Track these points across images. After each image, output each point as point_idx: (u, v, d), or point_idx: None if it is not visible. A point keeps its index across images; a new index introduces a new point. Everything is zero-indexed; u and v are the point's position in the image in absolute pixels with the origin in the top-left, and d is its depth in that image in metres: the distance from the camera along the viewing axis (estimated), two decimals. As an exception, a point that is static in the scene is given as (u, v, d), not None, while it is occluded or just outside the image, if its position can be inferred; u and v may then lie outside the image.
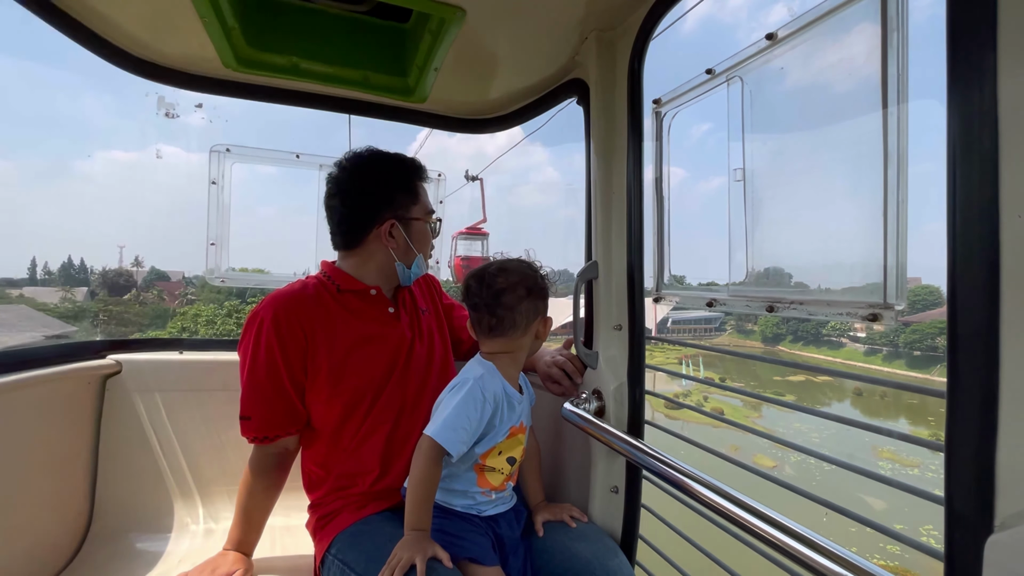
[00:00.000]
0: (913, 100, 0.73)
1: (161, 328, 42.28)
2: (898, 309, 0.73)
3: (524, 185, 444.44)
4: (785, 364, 4.49)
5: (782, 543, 0.80)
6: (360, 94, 1.75)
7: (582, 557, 1.14)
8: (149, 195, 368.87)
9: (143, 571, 1.50)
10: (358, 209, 1.34)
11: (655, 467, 1.13)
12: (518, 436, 1.19)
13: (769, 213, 0.99)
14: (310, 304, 1.29)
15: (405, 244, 1.36)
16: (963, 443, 0.59)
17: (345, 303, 1.34)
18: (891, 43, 0.73)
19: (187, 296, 58.22)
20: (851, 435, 26.97)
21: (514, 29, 1.40)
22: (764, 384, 46.40)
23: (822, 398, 45.62)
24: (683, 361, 41.42)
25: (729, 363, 49.51)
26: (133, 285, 66.68)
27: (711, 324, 78.02)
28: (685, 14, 1.15)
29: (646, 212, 1.36)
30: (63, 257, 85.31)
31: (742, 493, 0.93)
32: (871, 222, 0.75)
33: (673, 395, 23.03)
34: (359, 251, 1.37)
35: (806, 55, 0.90)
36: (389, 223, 1.33)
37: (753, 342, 75.33)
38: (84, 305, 53.68)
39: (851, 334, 70.14)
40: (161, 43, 1.51)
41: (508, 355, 1.20)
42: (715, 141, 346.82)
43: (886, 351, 64.68)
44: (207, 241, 1.90)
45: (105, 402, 1.68)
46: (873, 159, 0.75)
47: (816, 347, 70.97)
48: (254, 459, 1.35)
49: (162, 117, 2.03)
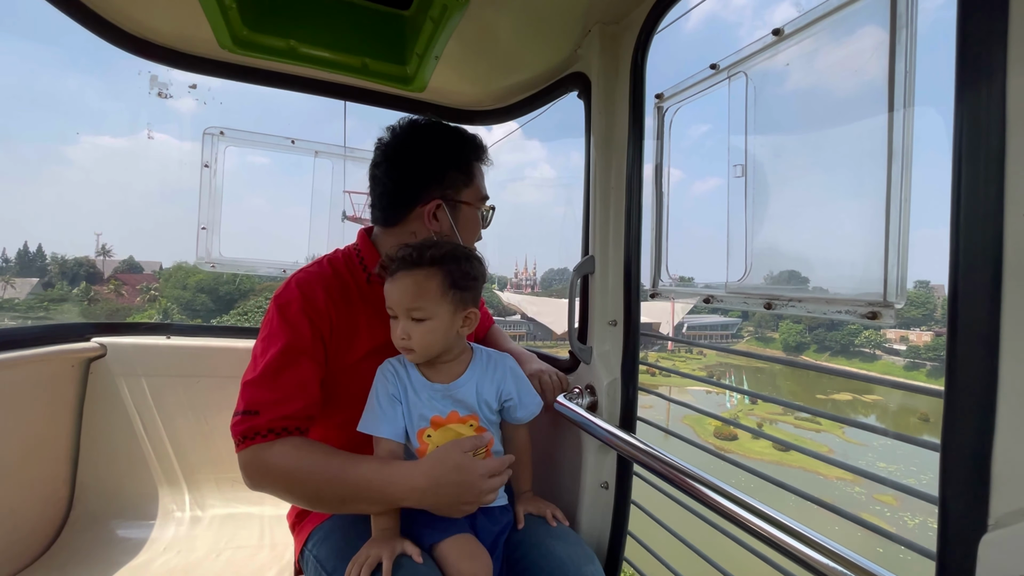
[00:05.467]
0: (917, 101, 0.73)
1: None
2: (898, 308, 0.73)
3: (518, 182, 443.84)
4: (814, 369, 4.49)
5: (777, 539, 0.80)
6: (358, 81, 1.72)
7: (557, 557, 1.09)
8: (137, 180, 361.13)
9: (125, 558, 1.47)
10: (404, 183, 1.20)
11: (648, 462, 1.13)
12: (450, 427, 1.10)
13: (770, 209, 0.99)
14: (336, 291, 1.15)
15: (450, 229, 1.22)
16: (959, 441, 0.59)
17: (372, 297, 1.19)
18: (899, 40, 0.72)
19: (150, 291, 55.14)
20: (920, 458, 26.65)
21: (517, 19, 1.38)
22: (806, 403, 44.51)
23: (877, 423, 43.52)
24: (718, 377, 40.86)
25: (763, 383, 48.32)
26: (99, 276, 62.01)
27: (728, 331, 74.13)
28: (691, 10, 1.15)
29: (644, 208, 1.36)
30: (33, 245, 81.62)
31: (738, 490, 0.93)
32: (873, 220, 0.75)
33: (721, 422, 22.48)
34: (398, 230, 1.23)
35: (813, 52, 0.89)
36: (435, 203, 1.20)
37: (773, 350, 68.80)
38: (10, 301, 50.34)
39: (887, 345, 63.86)
40: (156, 20, 1.47)
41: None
42: (712, 142, 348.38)
43: (931, 366, 57.66)
44: (198, 225, 1.87)
45: (88, 386, 1.65)
46: (877, 157, 0.75)
47: (846, 358, 64.63)
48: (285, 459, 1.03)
49: (154, 97, 1.95)
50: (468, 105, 1.95)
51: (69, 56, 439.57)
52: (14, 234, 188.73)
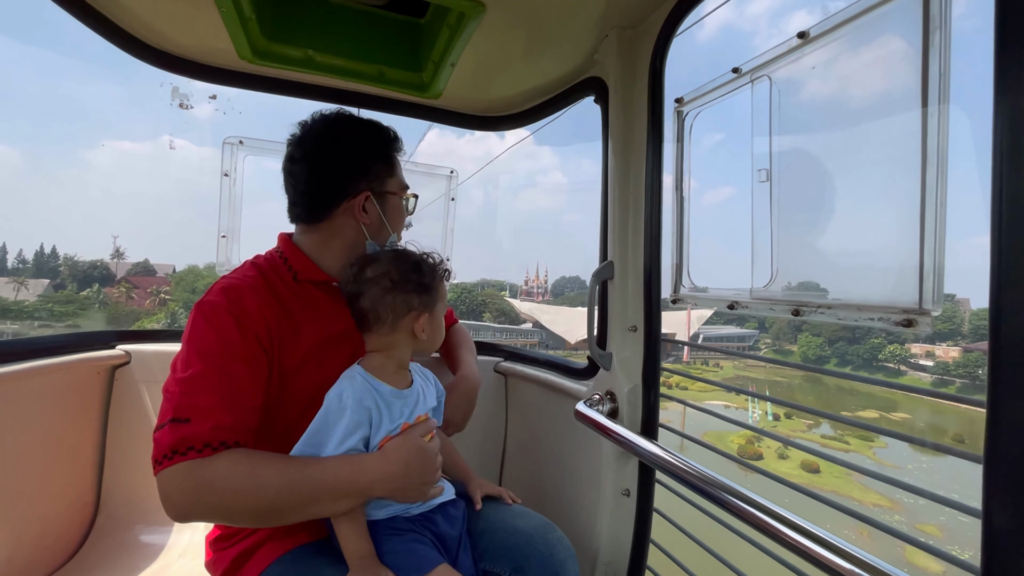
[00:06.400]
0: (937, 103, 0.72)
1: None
2: (935, 315, 0.71)
3: (529, 188, 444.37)
4: (841, 376, 4.42)
5: (809, 549, 0.78)
6: (374, 89, 1.73)
7: (523, 532, 1.13)
8: (157, 186, 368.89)
9: (146, 564, 1.49)
10: (328, 178, 1.16)
11: (672, 469, 1.12)
12: (425, 424, 1.10)
13: (796, 214, 0.97)
14: (267, 293, 1.09)
15: (379, 220, 1.19)
16: (1005, 454, 0.57)
17: (303, 294, 1.15)
18: (933, 43, 0.71)
19: (160, 294, 54.32)
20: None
21: (533, 25, 1.38)
22: (832, 422, 40.87)
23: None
24: (749, 398, 39.38)
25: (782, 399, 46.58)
26: (111, 279, 61.14)
27: (744, 342, 71.61)
28: (709, 14, 1.12)
29: (664, 213, 1.35)
30: (48, 246, 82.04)
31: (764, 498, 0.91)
32: (906, 224, 0.73)
33: (745, 439, 21.67)
34: (324, 226, 1.18)
35: (840, 55, 0.88)
36: (364, 195, 1.16)
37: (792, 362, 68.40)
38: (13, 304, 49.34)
39: (912, 360, 60.76)
40: (177, 33, 1.50)
41: (382, 354, 1.07)
42: (725, 150, 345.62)
43: (960, 383, 54.05)
44: (218, 233, 1.89)
45: (114, 392, 1.68)
46: (909, 160, 0.73)
47: (868, 373, 60.15)
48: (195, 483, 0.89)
49: (176, 108, 1.98)
50: (483, 111, 1.96)
51: (89, 66, 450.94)
52: (37, 235, 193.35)
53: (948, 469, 29.23)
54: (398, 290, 1.04)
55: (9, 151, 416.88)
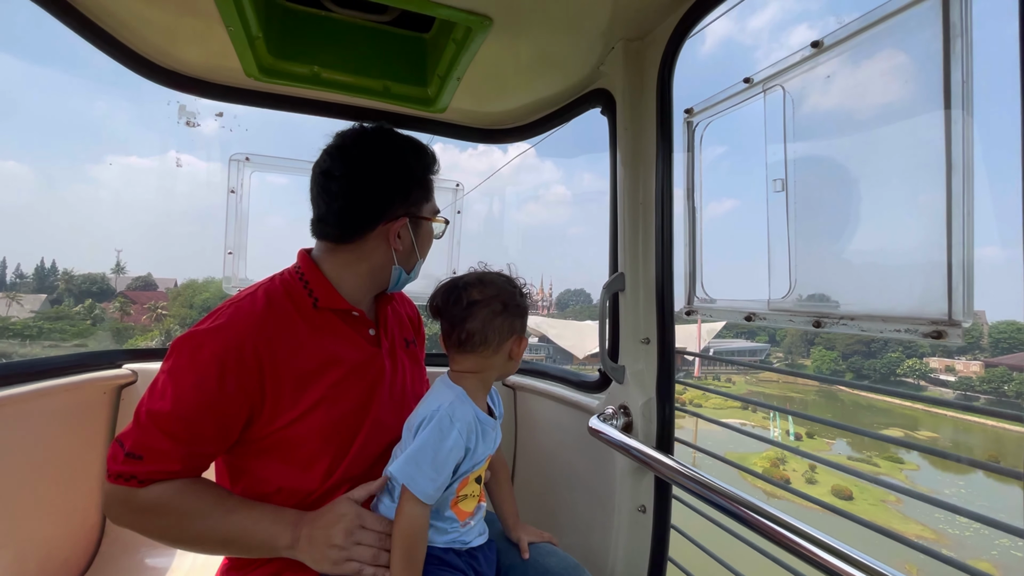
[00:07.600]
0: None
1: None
2: (965, 326, 0.70)
3: (531, 201, 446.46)
4: (861, 388, 4.22)
5: (838, 568, 0.76)
6: (380, 104, 1.74)
7: (554, 571, 1.13)
8: (162, 200, 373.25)
9: None
10: (368, 199, 1.08)
11: (689, 484, 1.09)
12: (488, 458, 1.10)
13: (814, 224, 0.96)
14: (272, 332, 1.01)
15: (411, 247, 1.13)
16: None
17: (323, 324, 1.08)
18: (954, 50, 0.70)
19: (157, 310, 53.14)
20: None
21: (538, 38, 1.39)
22: (856, 442, 39.24)
23: (935, 461, 36.66)
24: (771, 415, 37.83)
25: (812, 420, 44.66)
26: (110, 293, 59.79)
27: (756, 356, 69.17)
28: (716, 19, 1.12)
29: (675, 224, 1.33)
30: (50, 261, 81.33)
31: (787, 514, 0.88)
32: (931, 233, 0.72)
33: (769, 462, 20.65)
34: (352, 248, 1.10)
35: (856, 64, 0.87)
36: (401, 221, 1.09)
37: (804, 381, 63.36)
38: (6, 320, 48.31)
39: (932, 375, 58.15)
40: (183, 52, 1.51)
41: (476, 376, 1.06)
42: (729, 162, 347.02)
43: (985, 399, 51.17)
44: (224, 250, 1.89)
45: (120, 412, 1.66)
46: (932, 169, 0.72)
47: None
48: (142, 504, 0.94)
49: (183, 125, 1.99)
50: (489, 124, 1.96)
51: (96, 84, 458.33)
52: (39, 252, 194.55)
53: (991, 493, 27.30)
54: (507, 313, 1.05)
55: (17, 166, 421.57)
